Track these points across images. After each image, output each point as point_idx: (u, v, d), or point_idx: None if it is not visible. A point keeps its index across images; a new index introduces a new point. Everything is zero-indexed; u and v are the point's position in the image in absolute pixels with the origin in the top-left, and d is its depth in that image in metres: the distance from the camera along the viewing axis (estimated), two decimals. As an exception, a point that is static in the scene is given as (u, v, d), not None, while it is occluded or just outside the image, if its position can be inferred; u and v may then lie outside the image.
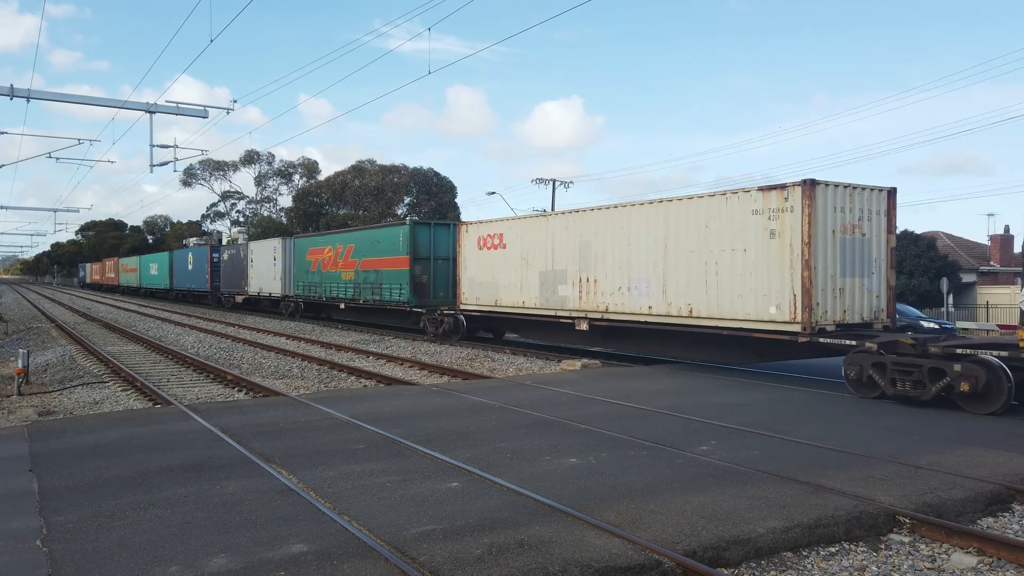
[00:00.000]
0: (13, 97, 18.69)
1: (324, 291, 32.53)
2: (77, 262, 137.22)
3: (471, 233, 23.05)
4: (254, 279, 40.63)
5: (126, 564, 4.99)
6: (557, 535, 5.50)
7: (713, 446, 8.43)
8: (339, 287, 31.08)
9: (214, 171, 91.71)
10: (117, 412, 11.87)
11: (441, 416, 10.19)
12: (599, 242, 17.86)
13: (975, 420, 10.18)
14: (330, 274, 32.07)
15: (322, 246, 33.42)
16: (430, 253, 25.87)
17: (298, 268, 35.40)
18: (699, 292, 15.14)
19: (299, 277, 35.21)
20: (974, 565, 5.54)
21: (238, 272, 43.05)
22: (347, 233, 32.42)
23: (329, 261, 32.27)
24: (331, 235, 33.82)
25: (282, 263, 36.81)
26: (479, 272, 22.40)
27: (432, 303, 25.36)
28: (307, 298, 34.59)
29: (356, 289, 29.47)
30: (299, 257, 35.34)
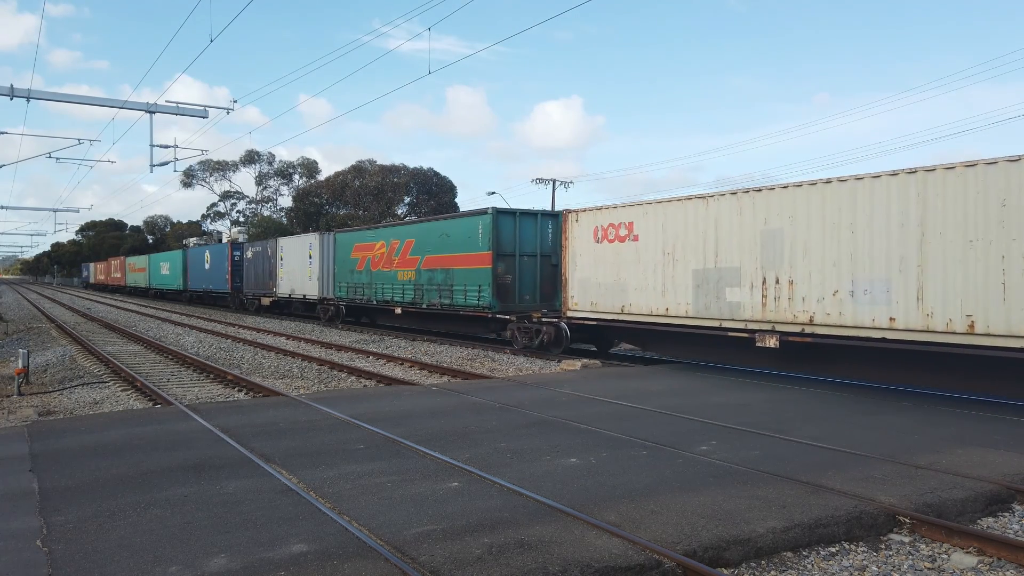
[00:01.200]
0: (13, 97, 18.70)
1: (374, 293, 28.19)
2: (77, 262, 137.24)
3: (584, 223, 18.48)
4: (284, 279, 36.58)
5: (126, 564, 4.99)
6: (557, 535, 5.50)
7: (713, 446, 8.42)
8: (394, 289, 26.82)
9: (214, 171, 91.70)
10: (117, 412, 11.87)
11: (441, 416, 10.19)
12: (796, 229, 13.69)
13: (975, 420, 10.18)
14: (382, 274, 27.70)
15: (372, 241, 28.72)
16: (515, 248, 21.76)
17: (340, 267, 30.86)
18: (986, 298, 11.11)
19: (342, 277, 30.71)
20: (974, 565, 5.54)
21: (265, 272, 39.11)
22: (404, 226, 27.66)
23: (381, 259, 27.80)
24: (383, 228, 29.15)
25: (320, 261, 32.50)
26: (596, 271, 17.96)
27: (519, 308, 21.48)
28: (351, 301, 30.12)
29: (418, 291, 25.38)
30: (342, 254, 30.87)
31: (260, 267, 39.97)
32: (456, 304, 23.13)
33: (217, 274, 46.62)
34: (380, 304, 28.02)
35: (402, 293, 26.41)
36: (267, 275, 38.77)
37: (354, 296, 29.96)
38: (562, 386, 13.01)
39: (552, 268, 21.90)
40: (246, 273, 42.22)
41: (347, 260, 30.55)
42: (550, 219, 22.52)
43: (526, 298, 21.84)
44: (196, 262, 51.83)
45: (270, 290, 38.47)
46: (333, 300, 31.89)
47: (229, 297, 44.98)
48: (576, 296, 18.72)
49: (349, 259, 30.37)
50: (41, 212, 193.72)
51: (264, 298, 39.38)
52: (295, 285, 35.32)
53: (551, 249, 22.02)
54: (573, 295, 18.81)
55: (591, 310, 18.28)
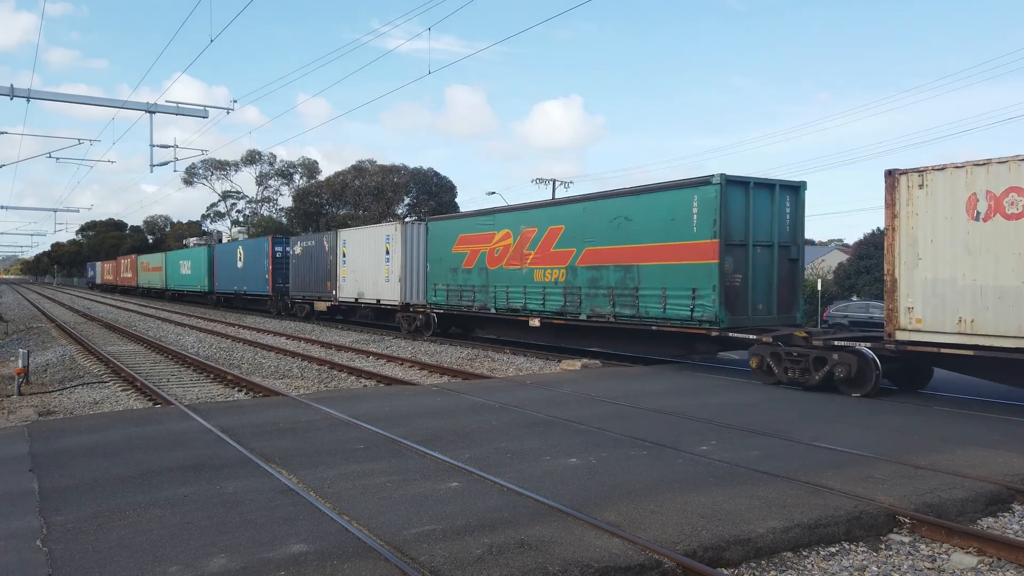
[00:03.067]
0: (13, 97, 18.69)
1: (492, 299, 21.61)
2: (77, 262, 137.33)
3: (938, 188, 11.65)
4: (348, 280, 29.88)
5: (126, 564, 4.99)
6: (557, 535, 5.50)
7: (713, 446, 8.42)
8: (528, 293, 20.13)
9: (215, 170, 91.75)
10: (117, 412, 11.88)
11: (441, 416, 10.19)
12: None
13: (975, 420, 10.18)
14: (506, 273, 21.10)
15: (486, 231, 22.06)
16: (746, 235, 15.17)
17: (435, 265, 24.44)
18: None
19: (438, 277, 24.24)
20: (974, 565, 5.54)
21: (320, 270, 32.42)
22: (545, 209, 20.31)
23: (503, 253, 21.23)
24: (507, 213, 21.78)
25: (403, 258, 25.95)
26: (969, 266, 11.21)
27: (752, 322, 15.16)
28: (452, 308, 23.69)
29: (571, 296, 18.67)
30: (438, 248, 24.31)
31: (313, 265, 33.18)
32: (646, 315, 16.48)
33: (253, 273, 40.14)
34: (502, 313, 21.34)
35: (541, 299, 19.60)
36: (323, 274, 32.15)
37: (458, 302, 23.21)
38: (562, 386, 13.01)
39: (790, 264, 16.01)
40: (293, 272, 35.52)
41: (446, 256, 23.73)
42: (789, 193, 15.93)
43: (759, 307, 15.38)
44: (226, 260, 45.19)
45: (327, 292, 31.75)
46: (423, 307, 25.32)
47: (269, 301, 38.66)
48: (919, 306, 11.82)
49: (449, 255, 23.53)
50: (41, 212, 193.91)
51: (319, 302, 32.79)
52: (364, 287, 28.64)
53: (789, 237, 15.94)
54: (911, 304, 11.95)
55: (958, 331, 11.27)
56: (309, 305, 34.32)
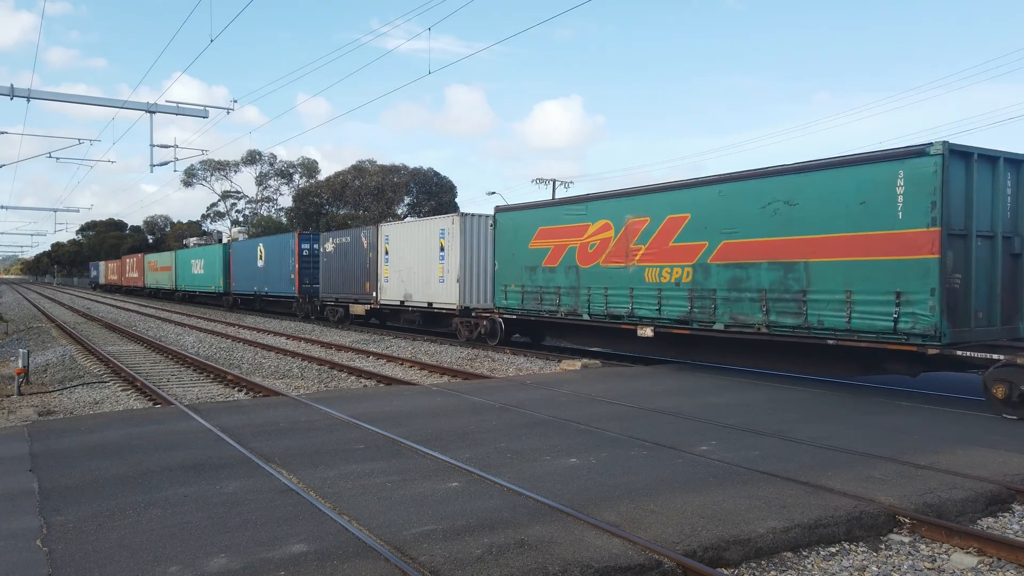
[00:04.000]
0: (13, 97, 18.70)
1: (585, 303, 17.84)
2: (77, 262, 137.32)
3: None
4: (393, 280, 26.85)
5: (126, 564, 4.99)
6: (557, 535, 5.50)
7: (713, 446, 8.42)
8: (637, 296, 16.44)
9: (215, 171, 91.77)
10: (117, 412, 11.88)
11: (441, 416, 10.19)
12: None
13: (975, 420, 10.18)
14: (604, 272, 17.35)
15: (577, 221, 18.18)
16: (967, 224, 11.78)
17: (507, 263, 20.59)
18: None
19: (510, 277, 20.43)
20: (974, 565, 5.54)
21: (356, 270, 29.37)
22: (661, 194, 16.23)
23: (601, 248, 17.47)
24: (607, 201, 17.55)
25: (461, 255, 23.05)
26: None
27: (977, 335, 11.86)
28: (531, 314, 19.73)
29: (698, 300, 15.05)
30: (510, 244, 20.39)
31: (349, 264, 29.98)
32: (819, 326, 12.96)
33: (276, 273, 36.90)
34: (599, 320, 17.58)
35: (655, 303, 16.02)
36: (360, 274, 29.04)
37: (536, 306, 19.45)
38: (562, 386, 13.01)
39: (1012, 260, 12.47)
40: (324, 272, 32.30)
41: (520, 252, 20.03)
42: (1012, 169, 12.42)
43: (979, 316, 11.99)
44: (244, 258, 41.75)
45: (365, 294, 28.69)
46: (487, 311, 22.03)
47: (295, 303, 35.63)
48: None
49: (525, 251, 19.86)
50: (41, 212, 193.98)
51: (356, 305, 29.45)
52: (411, 288, 25.61)
53: (1011, 225, 12.41)
54: None
55: None
56: (343, 308, 30.72)
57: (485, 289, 23.02)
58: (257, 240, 42.34)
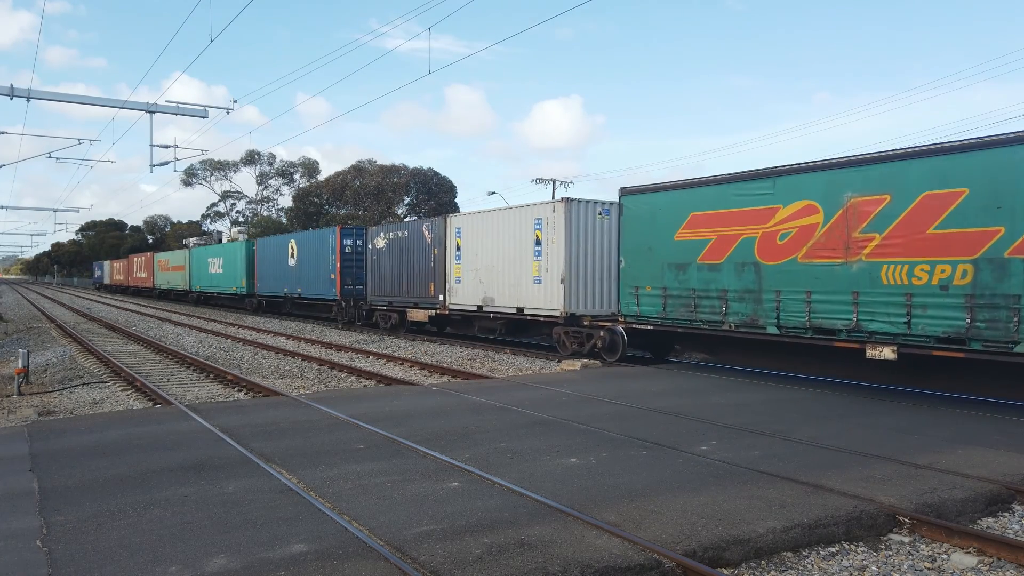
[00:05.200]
0: (13, 97, 18.70)
1: (771, 311, 13.72)
2: (77, 262, 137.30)
3: None
4: (467, 281, 22.50)
5: (126, 564, 4.99)
6: (557, 535, 5.50)
7: (713, 446, 8.42)
8: (863, 303, 12.39)
9: (215, 171, 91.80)
10: (117, 412, 11.88)
11: (441, 416, 10.19)
12: None
13: (975, 420, 10.18)
14: (806, 270, 13.22)
15: (757, 203, 14.10)
16: None
17: (637, 258, 16.49)
18: None
19: (643, 277, 16.35)
20: (974, 565, 5.54)
21: (416, 269, 25.24)
22: (911, 161, 11.95)
23: (803, 237, 13.31)
24: (810, 175, 13.35)
25: (567, 250, 18.57)
26: None
27: None
28: (679, 324, 15.68)
29: (982, 310, 10.99)
30: (642, 234, 16.34)
31: (406, 262, 25.91)
32: None
33: (312, 273, 32.89)
34: (795, 334, 13.40)
35: (903, 314, 11.88)
36: (421, 274, 24.90)
37: (687, 314, 15.28)
38: (562, 386, 13.01)
39: None
40: (374, 272, 28.14)
41: (661, 245, 15.88)
42: None
43: None
44: (272, 256, 37.58)
45: (429, 298, 24.43)
46: (607, 319, 17.92)
47: (335, 307, 31.42)
48: None
49: (669, 243, 15.66)
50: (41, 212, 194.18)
51: (416, 310, 25.16)
52: (493, 290, 21.48)
53: None
54: None
55: None
56: (398, 313, 26.54)
57: (596, 292, 18.90)
58: (288, 236, 37.59)
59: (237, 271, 42.11)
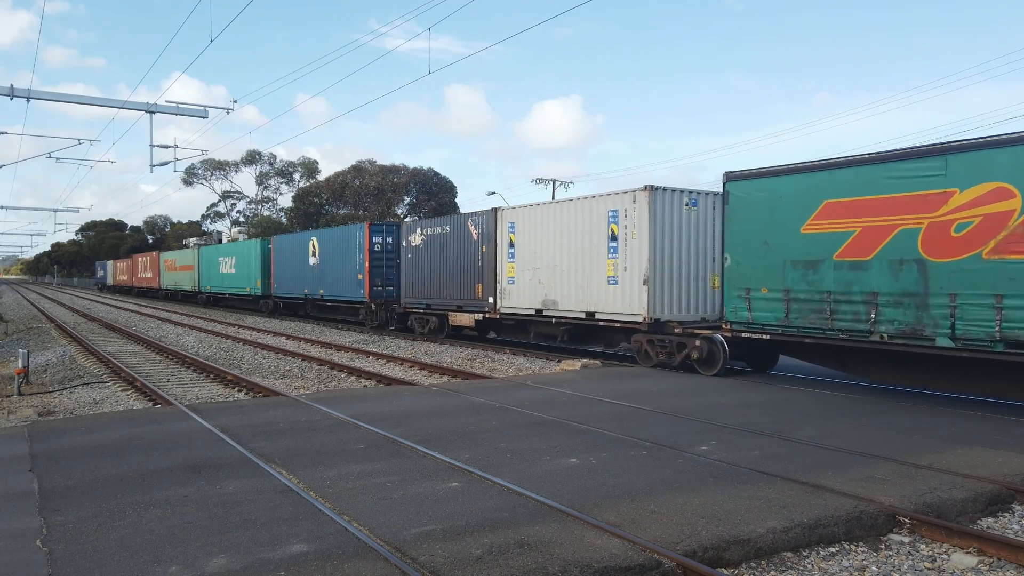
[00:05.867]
0: (13, 97, 18.70)
1: (942, 317, 11.16)
2: (77, 262, 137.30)
3: None
4: (523, 281, 20.20)
5: (126, 564, 4.99)
6: (557, 535, 5.50)
7: (713, 446, 8.42)
8: None
9: (215, 171, 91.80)
10: (117, 412, 11.87)
11: (441, 416, 10.19)
12: None
13: (975, 420, 10.18)
14: (994, 268, 10.69)
15: (922, 187, 11.53)
16: None
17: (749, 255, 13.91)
18: None
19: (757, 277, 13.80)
20: (974, 565, 5.54)
21: (460, 268, 22.92)
22: None
23: (984, 229, 10.84)
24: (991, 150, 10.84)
25: (649, 246, 16.15)
26: None
27: None
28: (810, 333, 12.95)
29: None
30: (760, 227, 13.73)
31: (448, 260, 23.56)
32: None
33: (337, 273, 30.63)
34: (979, 348, 10.89)
35: None
36: (467, 274, 22.63)
37: (821, 322, 12.74)
38: (562, 386, 13.01)
39: None
40: (409, 271, 25.83)
41: (783, 239, 13.31)
42: None
43: None
44: (290, 255, 35.32)
45: (475, 300, 22.12)
46: (707, 326, 15.35)
47: (363, 310, 28.81)
48: None
49: (796, 237, 13.10)
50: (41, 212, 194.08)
51: (459, 314, 22.93)
52: (556, 291, 19.01)
53: None
54: None
55: None
56: (437, 317, 24.35)
57: (683, 294, 16.63)
58: (308, 233, 35.11)
59: (251, 271, 39.82)
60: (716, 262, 16.51)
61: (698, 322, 16.13)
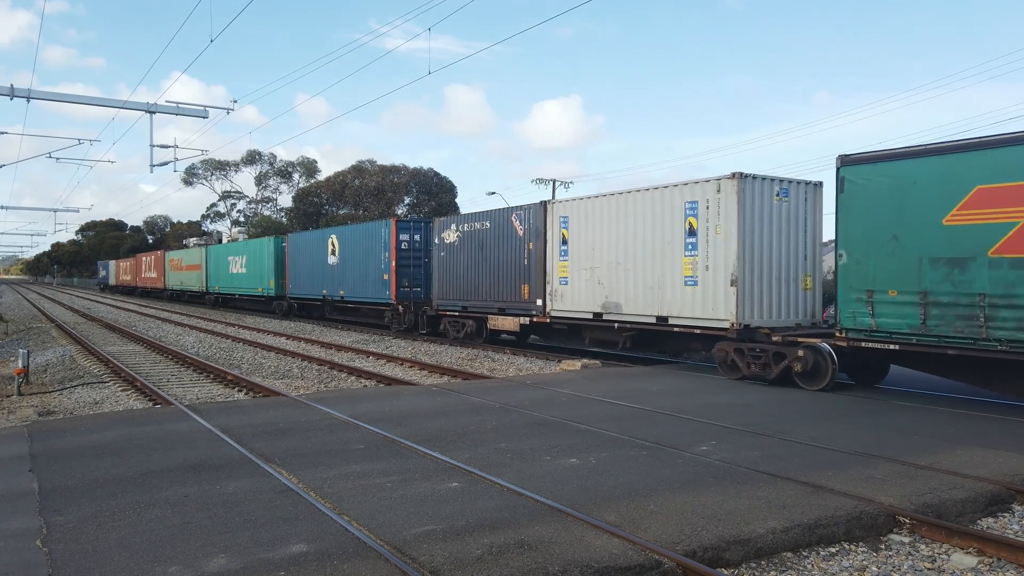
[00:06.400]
0: (13, 97, 18.70)
1: None
2: (77, 262, 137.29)
3: None
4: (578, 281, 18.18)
5: (126, 564, 4.99)
6: (557, 535, 5.50)
7: (713, 446, 8.42)
8: None
9: (215, 171, 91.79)
10: (117, 412, 11.87)
11: (441, 416, 10.19)
12: None
13: (975, 420, 10.18)
14: None
15: None
16: None
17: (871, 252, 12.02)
18: None
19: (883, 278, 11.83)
20: (974, 565, 5.54)
21: (503, 267, 20.78)
22: None
23: None
24: None
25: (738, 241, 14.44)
26: None
27: None
28: (954, 343, 10.95)
29: None
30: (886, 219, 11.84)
31: (488, 259, 21.50)
32: None
33: (359, 272, 28.69)
34: None
35: None
36: (510, 274, 20.43)
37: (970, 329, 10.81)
38: (562, 386, 13.01)
39: None
40: (442, 271, 23.66)
41: (918, 232, 11.53)
42: None
43: None
44: (307, 253, 33.52)
45: (521, 302, 20.05)
46: (794, 332, 13.90)
47: (389, 312, 26.78)
48: None
49: (936, 229, 11.31)
50: (41, 212, 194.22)
51: (502, 318, 20.89)
52: (618, 294, 16.99)
53: None
54: None
55: None
56: (475, 320, 22.36)
57: (775, 297, 14.82)
58: (327, 230, 32.99)
59: (264, 270, 37.86)
60: (809, 260, 15.21)
61: (793, 328, 14.39)
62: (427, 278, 25.46)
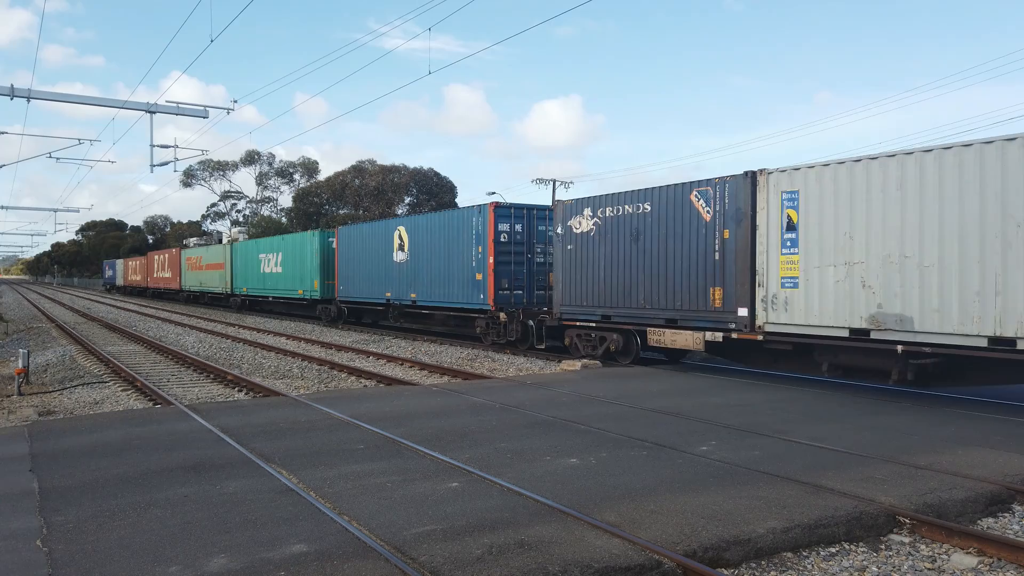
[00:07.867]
0: (13, 97, 18.70)
1: None
2: (78, 262, 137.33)
3: None
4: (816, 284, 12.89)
5: (126, 564, 4.99)
6: (557, 535, 5.50)
7: (713, 446, 8.42)
8: None
9: (214, 171, 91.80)
10: (117, 412, 11.87)
11: (441, 416, 10.19)
12: None
13: (975, 420, 10.18)
14: None
15: None
16: None
17: None
18: None
19: None
20: (974, 565, 5.54)
21: (674, 262, 15.50)
22: None
23: None
24: None
25: None
26: None
27: None
28: None
29: None
30: None
31: (648, 252, 16.12)
32: None
33: (437, 271, 23.77)
34: None
35: None
36: (689, 271, 15.14)
37: None
38: (562, 386, 13.00)
39: None
40: (570, 270, 18.20)
41: None
42: None
43: None
44: (364, 249, 28.44)
45: (713, 311, 14.63)
46: None
47: (483, 320, 21.85)
48: None
49: None
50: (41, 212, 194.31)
51: (671, 331, 15.59)
52: (897, 302, 11.79)
53: None
54: None
55: None
56: (623, 334, 17.03)
57: None
58: (392, 221, 27.46)
59: (306, 269, 32.90)
60: None
61: None
62: (530, 278, 21.42)
